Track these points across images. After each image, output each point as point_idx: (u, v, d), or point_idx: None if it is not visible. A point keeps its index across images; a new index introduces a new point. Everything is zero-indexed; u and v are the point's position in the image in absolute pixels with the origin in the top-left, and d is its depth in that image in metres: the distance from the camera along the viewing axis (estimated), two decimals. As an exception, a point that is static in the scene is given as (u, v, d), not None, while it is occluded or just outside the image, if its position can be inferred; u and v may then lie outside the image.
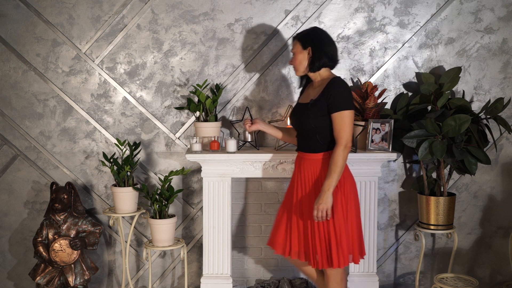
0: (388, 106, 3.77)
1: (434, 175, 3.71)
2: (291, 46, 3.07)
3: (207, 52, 3.73)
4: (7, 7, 3.69)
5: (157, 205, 3.51)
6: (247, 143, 3.61)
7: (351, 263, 2.96)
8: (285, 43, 3.72)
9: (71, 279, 3.53)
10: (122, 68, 3.76)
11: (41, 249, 3.56)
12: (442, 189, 3.58)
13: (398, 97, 3.75)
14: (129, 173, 3.58)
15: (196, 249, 3.87)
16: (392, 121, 3.47)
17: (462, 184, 3.85)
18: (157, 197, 3.51)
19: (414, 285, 3.83)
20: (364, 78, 3.77)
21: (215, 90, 3.65)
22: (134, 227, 3.79)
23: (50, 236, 3.56)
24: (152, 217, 3.53)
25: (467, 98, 3.78)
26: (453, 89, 3.73)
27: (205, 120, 3.57)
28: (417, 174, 3.83)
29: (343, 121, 2.80)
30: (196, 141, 3.48)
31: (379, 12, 3.73)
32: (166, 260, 3.89)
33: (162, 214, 3.52)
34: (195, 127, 3.58)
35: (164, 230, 3.51)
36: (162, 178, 3.56)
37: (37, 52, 3.73)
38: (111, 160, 3.58)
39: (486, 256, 3.90)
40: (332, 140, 2.86)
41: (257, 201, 3.79)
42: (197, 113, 3.62)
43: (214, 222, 3.50)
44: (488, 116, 3.51)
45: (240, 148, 3.56)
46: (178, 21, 3.72)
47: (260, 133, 3.68)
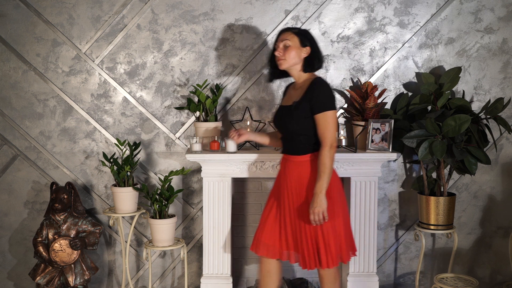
0: (388, 106, 3.77)
1: (434, 175, 3.71)
2: (280, 36, 2.92)
3: (207, 52, 3.73)
4: (7, 7, 3.69)
5: (157, 205, 3.51)
6: (247, 143, 3.61)
7: (342, 262, 2.94)
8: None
9: (71, 279, 3.53)
10: (122, 68, 3.76)
11: (41, 249, 3.56)
12: (442, 189, 3.58)
13: (398, 97, 3.76)
14: (129, 173, 3.58)
15: (196, 249, 3.87)
16: (392, 121, 3.47)
17: (462, 184, 3.85)
18: (157, 197, 3.51)
19: (414, 285, 3.83)
20: (364, 78, 3.77)
21: (215, 90, 3.65)
22: (134, 227, 3.79)
23: (50, 236, 3.56)
24: (152, 217, 3.53)
25: (467, 98, 3.78)
26: (453, 89, 3.73)
27: (205, 120, 3.57)
28: (417, 174, 3.83)
29: (327, 122, 2.78)
30: (196, 141, 3.48)
31: (379, 12, 3.73)
32: (166, 260, 3.89)
33: (162, 214, 3.52)
34: (195, 127, 3.58)
35: (164, 230, 3.51)
36: (162, 178, 3.56)
37: (37, 52, 3.73)
38: (111, 160, 3.58)
39: (486, 256, 3.90)
40: (317, 142, 2.84)
41: (257, 201, 3.80)
42: (197, 113, 3.62)
43: (214, 222, 3.50)
44: (488, 116, 3.51)
45: (240, 148, 3.56)
46: (178, 21, 3.71)
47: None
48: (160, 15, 3.71)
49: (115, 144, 3.70)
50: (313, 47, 2.92)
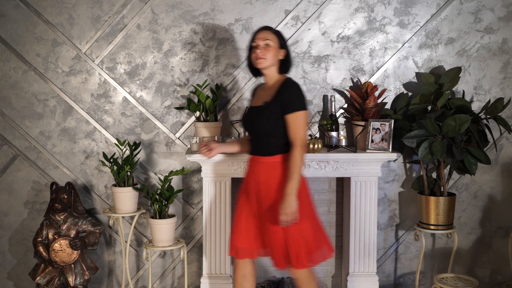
0: (388, 106, 3.77)
1: (434, 175, 3.71)
2: (261, 34, 2.87)
3: (207, 52, 3.73)
4: (7, 7, 3.69)
5: (157, 205, 3.51)
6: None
7: (312, 264, 2.88)
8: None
9: (71, 279, 3.53)
10: (122, 68, 3.76)
11: (41, 249, 3.56)
12: (442, 189, 3.58)
13: (398, 97, 3.76)
14: (129, 173, 3.58)
15: (196, 249, 3.87)
16: (392, 121, 3.47)
17: (462, 184, 3.85)
18: (157, 197, 3.51)
19: (414, 285, 3.83)
20: (364, 78, 3.77)
21: (215, 90, 3.65)
22: (134, 227, 3.79)
23: (50, 236, 3.56)
24: (152, 217, 3.53)
25: (467, 98, 3.78)
26: (453, 89, 3.73)
27: (205, 120, 3.57)
28: (417, 174, 3.83)
29: (298, 122, 2.77)
30: (196, 141, 3.48)
31: (379, 12, 3.73)
32: (166, 260, 3.89)
33: (162, 214, 3.52)
34: (195, 127, 3.57)
35: (164, 230, 3.51)
36: (162, 178, 3.56)
37: (37, 52, 3.73)
38: (111, 160, 3.58)
39: (486, 256, 3.90)
40: (286, 143, 2.81)
41: (257, 201, 3.79)
42: (197, 113, 3.62)
43: (214, 222, 3.50)
44: (488, 116, 3.51)
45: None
46: (178, 21, 3.71)
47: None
48: (160, 15, 3.71)
49: (115, 144, 3.70)
50: (287, 50, 2.92)
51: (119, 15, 3.71)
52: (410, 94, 3.76)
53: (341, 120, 3.75)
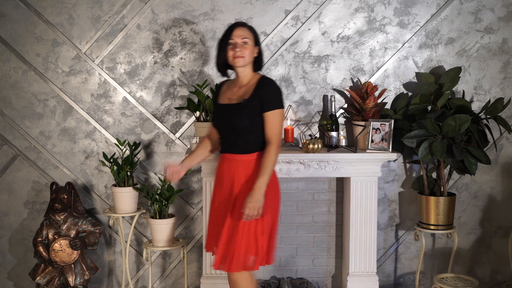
0: (388, 106, 3.77)
1: (434, 175, 3.71)
2: (238, 32, 2.78)
3: (207, 52, 3.73)
4: (7, 7, 3.69)
5: (157, 205, 3.51)
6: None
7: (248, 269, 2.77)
8: (285, 43, 3.72)
9: (71, 279, 3.53)
10: (122, 68, 3.76)
11: (41, 249, 3.56)
12: (442, 189, 3.58)
13: (398, 97, 3.75)
14: (129, 173, 3.58)
15: (196, 249, 3.87)
16: (392, 121, 3.47)
17: (462, 184, 3.85)
18: (157, 197, 3.51)
19: (414, 285, 3.83)
20: (364, 78, 3.77)
21: (215, 90, 3.65)
22: (134, 227, 3.79)
23: (50, 236, 3.56)
24: (152, 217, 3.53)
25: (467, 98, 3.78)
26: (453, 89, 3.73)
27: (205, 120, 3.57)
28: (417, 174, 3.83)
29: (276, 120, 2.75)
30: (196, 141, 3.48)
31: (379, 12, 3.73)
32: (166, 260, 3.89)
33: (162, 214, 3.52)
34: (195, 127, 3.57)
35: (164, 230, 3.51)
36: (162, 178, 3.56)
37: (37, 52, 3.73)
38: (111, 160, 3.58)
39: (486, 256, 3.90)
40: (263, 140, 2.79)
41: (257, 201, 3.79)
42: (197, 113, 3.62)
43: (214, 222, 3.50)
44: (488, 116, 3.51)
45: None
46: (178, 21, 3.71)
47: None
48: (160, 15, 3.71)
49: (115, 144, 3.70)
50: (260, 47, 2.87)
51: (119, 15, 3.71)
52: (410, 94, 3.76)
53: (341, 120, 3.75)
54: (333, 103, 3.64)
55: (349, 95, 3.73)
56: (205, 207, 3.49)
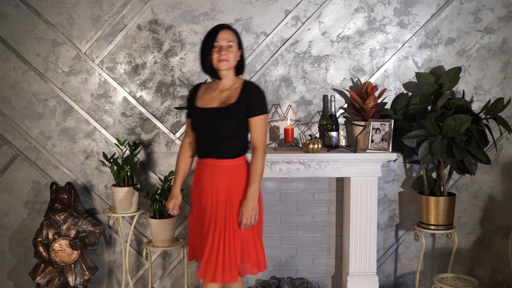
0: (388, 106, 3.77)
1: (434, 175, 3.71)
2: (223, 34, 2.74)
3: (207, 52, 3.73)
4: (7, 7, 3.70)
5: (157, 205, 3.51)
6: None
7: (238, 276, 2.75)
8: (285, 43, 3.72)
9: (71, 279, 3.53)
10: (122, 68, 3.76)
11: (41, 249, 3.56)
12: (442, 189, 3.58)
13: (398, 97, 3.76)
14: (129, 173, 3.58)
15: (196, 249, 3.86)
16: (392, 121, 3.48)
17: (462, 184, 3.85)
18: (157, 197, 3.51)
19: (414, 285, 3.83)
20: (364, 78, 3.77)
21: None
22: (134, 227, 3.79)
23: (50, 236, 3.56)
24: (152, 217, 3.53)
25: (467, 98, 3.78)
26: (453, 89, 3.73)
27: (205, 120, 3.57)
28: (417, 174, 3.83)
29: (262, 125, 2.73)
30: (196, 141, 3.48)
31: (379, 12, 3.73)
32: (166, 260, 3.89)
33: (162, 214, 3.52)
34: (195, 127, 3.57)
35: (164, 230, 3.51)
36: (162, 178, 3.56)
37: (37, 52, 3.73)
38: (111, 160, 3.58)
39: (486, 256, 3.90)
40: (247, 145, 2.78)
41: (257, 201, 3.79)
42: (197, 113, 3.62)
43: (214, 222, 3.50)
44: (488, 116, 3.51)
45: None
46: (178, 21, 3.72)
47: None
48: (160, 15, 3.71)
49: (115, 144, 3.70)
50: (243, 51, 2.84)
51: (119, 15, 3.71)
52: (410, 94, 3.76)
53: (341, 120, 3.75)
54: (333, 103, 3.64)
55: (349, 95, 3.73)
56: (205, 207, 3.49)
